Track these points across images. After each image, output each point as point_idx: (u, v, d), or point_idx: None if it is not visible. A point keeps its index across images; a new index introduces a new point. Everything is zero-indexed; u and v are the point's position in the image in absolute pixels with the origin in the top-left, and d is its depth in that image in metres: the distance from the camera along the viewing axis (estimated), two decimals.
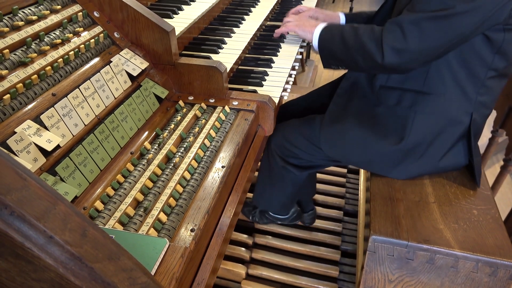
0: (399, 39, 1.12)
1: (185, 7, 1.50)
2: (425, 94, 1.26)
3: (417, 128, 1.28)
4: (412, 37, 1.10)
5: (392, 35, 1.13)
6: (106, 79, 1.04)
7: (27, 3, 1.00)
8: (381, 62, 1.16)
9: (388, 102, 1.32)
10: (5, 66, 0.87)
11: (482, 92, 1.24)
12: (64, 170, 0.83)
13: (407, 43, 1.11)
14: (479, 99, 1.25)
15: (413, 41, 1.10)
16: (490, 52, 1.17)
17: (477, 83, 1.22)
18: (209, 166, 1.00)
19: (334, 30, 1.32)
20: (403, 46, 1.12)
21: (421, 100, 1.27)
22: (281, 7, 2.09)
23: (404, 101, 1.29)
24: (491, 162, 3.02)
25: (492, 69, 1.20)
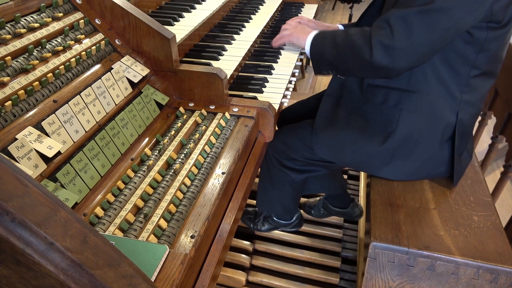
0: (387, 35, 1.12)
1: (186, 14, 1.51)
2: (410, 92, 1.27)
3: (403, 126, 1.29)
4: (400, 33, 1.11)
5: (380, 31, 1.14)
6: (107, 86, 1.04)
7: (29, 11, 1.01)
8: (369, 59, 1.16)
9: (375, 100, 1.33)
10: (7, 73, 0.87)
11: (467, 90, 1.25)
12: (65, 176, 0.84)
13: (394, 39, 1.11)
14: (464, 97, 1.26)
15: (401, 37, 1.11)
16: (472, 50, 1.18)
17: (460, 81, 1.23)
18: (209, 172, 1.00)
19: (326, 35, 1.34)
20: (391, 42, 1.12)
21: (406, 99, 1.28)
22: (281, 14, 2.11)
23: (389, 100, 1.30)
24: (491, 169, 3.02)
25: (475, 67, 1.21)
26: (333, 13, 6.35)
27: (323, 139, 1.41)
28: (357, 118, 1.37)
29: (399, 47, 1.12)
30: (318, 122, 1.44)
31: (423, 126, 1.29)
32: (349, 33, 1.24)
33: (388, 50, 1.13)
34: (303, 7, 2.22)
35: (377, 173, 1.40)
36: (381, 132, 1.32)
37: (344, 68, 1.31)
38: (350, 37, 1.22)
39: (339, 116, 1.41)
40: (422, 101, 1.27)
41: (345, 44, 1.23)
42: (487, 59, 1.20)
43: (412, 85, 1.26)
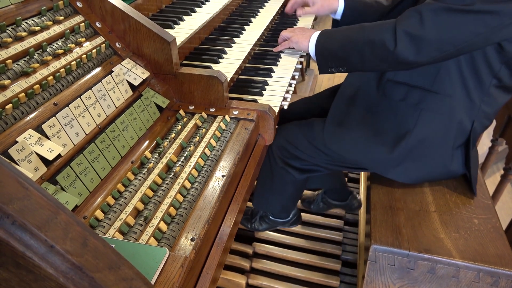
0: (416, 25, 1.08)
1: (186, 17, 1.51)
2: (433, 93, 1.24)
3: (421, 127, 1.27)
4: (429, 25, 1.07)
5: (409, 21, 1.10)
6: (108, 89, 1.05)
7: (30, 14, 1.01)
8: (392, 49, 1.12)
9: (393, 96, 1.30)
10: (8, 76, 0.87)
11: (486, 100, 1.24)
12: (65, 179, 0.84)
13: (423, 30, 1.08)
14: (482, 107, 1.25)
15: (429, 29, 1.07)
16: (498, 61, 1.17)
17: (482, 89, 1.22)
18: (209, 175, 1.00)
19: (332, 31, 1.32)
20: (419, 33, 1.08)
21: (428, 99, 1.25)
22: (281, 17, 2.11)
23: (410, 98, 1.27)
24: (492, 171, 3.02)
25: (496, 78, 1.20)
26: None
27: (334, 133, 1.39)
28: (372, 115, 1.35)
29: (427, 37, 1.08)
30: (331, 116, 1.41)
31: (439, 129, 1.27)
32: (366, 28, 1.20)
33: (414, 41, 1.09)
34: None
35: (385, 174, 1.38)
36: (396, 131, 1.30)
37: (359, 62, 1.24)
38: (368, 31, 1.18)
39: (353, 112, 1.39)
40: (444, 103, 1.24)
41: (362, 36, 1.19)
42: (509, 72, 1.20)
43: (436, 85, 1.23)
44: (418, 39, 1.09)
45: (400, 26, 1.11)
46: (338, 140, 1.39)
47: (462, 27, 1.07)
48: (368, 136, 1.34)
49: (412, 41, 1.10)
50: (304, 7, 1.69)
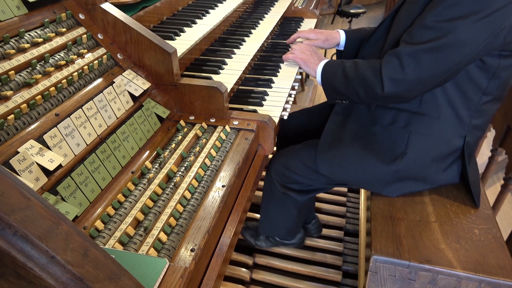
0: (397, 70, 1.14)
1: (187, 29, 1.53)
2: (420, 115, 1.27)
3: (412, 148, 1.30)
4: (410, 69, 1.12)
5: (390, 66, 1.15)
6: (109, 100, 1.05)
7: (33, 26, 1.02)
8: (381, 94, 1.18)
9: (383, 121, 1.33)
10: (10, 87, 0.88)
11: (476, 116, 1.26)
12: (65, 189, 0.84)
13: (405, 74, 1.13)
14: (473, 122, 1.27)
15: (410, 72, 1.13)
16: (484, 77, 1.18)
17: (471, 107, 1.24)
18: (209, 185, 1.01)
19: (335, 65, 1.35)
20: (401, 77, 1.14)
21: (416, 121, 1.28)
22: (280, 28, 2.14)
23: (399, 121, 1.31)
24: (492, 181, 3.01)
25: (486, 94, 1.21)
26: (332, 27, 6.43)
27: (326, 156, 1.42)
28: (363, 138, 1.37)
29: (409, 80, 1.14)
30: (324, 139, 1.44)
31: (431, 149, 1.30)
32: (358, 65, 1.25)
33: (399, 84, 1.15)
34: (302, 22, 2.25)
35: (380, 191, 1.40)
36: (388, 153, 1.33)
37: (357, 99, 1.31)
38: (360, 71, 1.23)
39: (345, 135, 1.41)
40: (432, 124, 1.27)
41: (357, 78, 1.25)
42: (498, 85, 1.21)
43: (422, 108, 1.26)
44: (402, 82, 1.15)
45: (384, 71, 1.16)
46: (330, 164, 1.42)
47: (442, 61, 1.10)
48: (360, 158, 1.37)
49: (396, 85, 1.16)
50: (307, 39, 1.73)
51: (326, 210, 2.20)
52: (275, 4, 2.25)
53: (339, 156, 1.40)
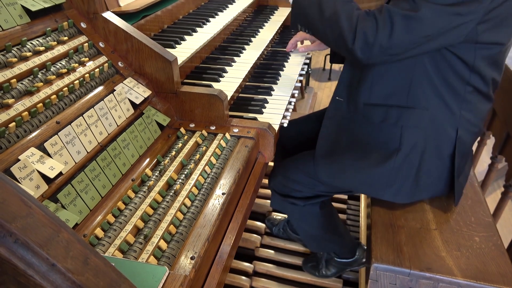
0: (372, 30, 1.15)
1: (188, 37, 1.54)
2: (410, 108, 1.27)
3: (406, 143, 1.28)
4: (383, 31, 1.13)
5: (367, 24, 1.16)
6: (110, 107, 1.06)
7: (35, 35, 1.03)
8: (350, 46, 1.18)
9: (374, 119, 1.33)
10: (12, 95, 0.89)
11: (465, 107, 1.26)
12: (66, 197, 0.84)
13: (376, 36, 1.14)
14: (463, 114, 1.26)
15: (382, 35, 1.14)
16: (465, 69, 1.20)
17: (457, 98, 1.24)
18: (209, 193, 1.01)
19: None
20: (373, 39, 1.15)
21: (406, 115, 1.27)
22: (280, 37, 2.15)
23: (389, 118, 1.30)
24: (492, 189, 3.01)
25: (470, 85, 1.22)
26: None
27: (325, 164, 1.42)
28: (358, 141, 1.37)
29: (379, 44, 1.15)
30: (320, 146, 1.44)
31: (425, 142, 1.28)
32: (337, 7, 1.23)
33: (368, 45, 1.16)
34: None
35: (381, 196, 1.39)
36: (383, 152, 1.32)
37: (323, 37, 1.30)
38: (337, 14, 1.21)
39: (339, 139, 1.41)
40: (423, 117, 1.26)
41: (331, 20, 1.23)
42: (481, 80, 1.22)
43: (411, 101, 1.26)
44: (372, 45, 1.15)
45: (360, 27, 1.16)
46: (329, 172, 1.42)
47: (412, 31, 1.12)
48: (358, 161, 1.36)
49: (367, 45, 1.16)
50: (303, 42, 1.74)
51: None
52: (274, 12, 2.27)
53: (337, 162, 1.40)
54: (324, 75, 4.78)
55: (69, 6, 1.17)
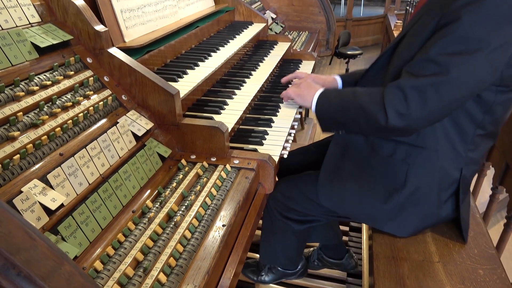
0: (402, 102, 1.13)
1: (190, 71, 1.59)
2: (419, 147, 1.27)
3: (411, 181, 1.29)
4: (414, 103, 1.12)
5: (394, 98, 1.15)
6: (112, 139, 1.08)
7: (43, 70, 1.07)
8: (385, 124, 1.17)
9: (382, 152, 1.33)
10: (18, 127, 0.91)
11: (472, 148, 1.27)
12: (66, 229, 0.84)
13: (409, 108, 1.13)
14: (468, 155, 1.28)
15: (415, 106, 1.12)
16: (479, 111, 1.20)
17: (466, 140, 1.25)
18: (210, 225, 1.00)
19: (331, 96, 1.35)
20: (406, 111, 1.13)
21: (414, 154, 1.28)
22: (280, 70, 2.21)
23: (397, 153, 1.30)
24: (495, 220, 2.98)
25: (480, 127, 1.23)
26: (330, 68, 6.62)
27: (328, 189, 1.41)
28: (363, 170, 1.37)
29: (414, 115, 1.13)
30: (324, 171, 1.44)
31: (430, 182, 1.30)
32: (357, 95, 1.24)
33: (403, 117, 1.14)
34: (301, 64, 2.34)
35: (381, 228, 1.38)
36: (387, 186, 1.32)
37: (356, 129, 1.30)
38: (360, 101, 1.22)
39: (344, 167, 1.41)
40: (430, 157, 1.27)
41: (355, 108, 1.23)
42: (492, 120, 1.23)
43: (421, 140, 1.26)
44: (407, 116, 1.14)
45: (388, 102, 1.16)
46: (331, 197, 1.42)
47: (446, 96, 1.11)
48: (361, 191, 1.36)
49: (401, 118, 1.15)
50: None
51: None
52: (274, 47, 2.34)
53: (340, 189, 1.40)
54: None
55: (76, 43, 1.21)
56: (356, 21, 8.01)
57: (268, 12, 3.03)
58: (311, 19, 3.30)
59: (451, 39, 1.08)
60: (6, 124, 0.90)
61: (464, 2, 1.06)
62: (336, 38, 3.73)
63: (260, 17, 2.46)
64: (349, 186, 1.38)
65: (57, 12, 1.20)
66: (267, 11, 3.04)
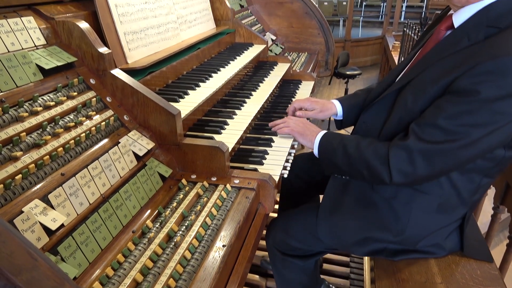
0: (407, 164, 1.13)
1: (191, 91, 1.61)
2: (422, 193, 1.26)
3: (413, 225, 1.29)
4: (420, 165, 1.12)
5: (400, 160, 1.14)
6: (114, 159, 1.09)
7: (47, 91, 1.09)
8: (388, 182, 1.18)
9: (384, 193, 1.32)
10: (21, 148, 0.92)
11: (476, 192, 1.28)
12: (66, 249, 0.84)
13: (414, 169, 1.13)
14: (472, 199, 1.28)
15: (420, 169, 1.12)
16: (488, 165, 1.19)
17: (472, 187, 1.25)
18: (210, 245, 1.00)
19: (334, 141, 1.33)
20: (411, 171, 1.13)
21: (418, 198, 1.27)
22: (280, 90, 2.24)
23: (400, 196, 1.29)
24: (498, 240, 2.95)
25: (487, 176, 1.23)
26: (329, 88, 6.69)
27: (327, 226, 1.41)
28: (364, 207, 1.37)
29: (418, 175, 1.13)
30: (324, 205, 1.44)
31: (432, 225, 1.30)
32: (362, 149, 1.23)
33: (408, 177, 1.14)
34: (301, 84, 2.37)
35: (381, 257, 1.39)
36: (389, 226, 1.32)
37: (360, 179, 1.31)
38: (365, 155, 1.21)
39: (345, 202, 1.41)
40: (434, 203, 1.27)
41: (360, 161, 1.23)
42: (499, 169, 1.23)
43: (424, 186, 1.25)
44: (412, 176, 1.15)
45: (393, 163, 1.15)
46: (331, 233, 1.41)
47: (453, 160, 1.11)
48: (362, 230, 1.36)
49: (406, 177, 1.15)
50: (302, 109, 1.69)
51: (329, 270, 2.13)
52: (274, 68, 2.38)
53: (340, 226, 1.39)
54: (323, 126, 4.88)
55: (80, 64, 1.24)
56: (355, 42, 8.16)
57: (268, 33, 3.09)
58: (310, 41, 3.36)
59: (467, 110, 1.05)
60: (9, 144, 0.91)
61: (484, 77, 1.01)
62: (335, 59, 3.79)
63: (260, 39, 2.51)
64: (350, 224, 1.38)
65: (62, 35, 1.23)
66: (267, 32, 3.10)
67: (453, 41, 1.14)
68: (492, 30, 1.07)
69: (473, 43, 1.09)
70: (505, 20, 1.06)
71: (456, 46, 1.12)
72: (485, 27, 1.08)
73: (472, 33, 1.10)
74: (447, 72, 1.10)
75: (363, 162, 1.22)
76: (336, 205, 1.42)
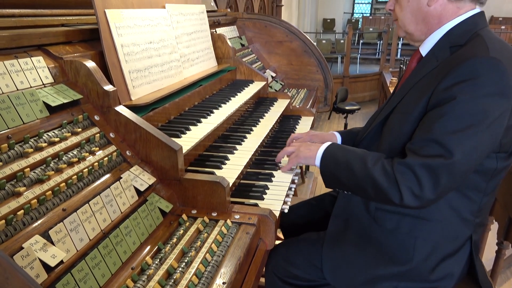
0: (416, 185, 1.13)
1: (193, 127, 1.64)
2: (423, 219, 1.26)
3: (419, 254, 1.28)
4: (427, 184, 1.11)
5: (407, 178, 1.14)
6: (115, 194, 1.09)
7: (52, 127, 1.11)
8: (399, 203, 1.16)
9: (386, 225, 1.31)
10: (24, 183, 0.93)
11: (479, 214, 1.27)
12: (64, 287, 0.83)
13: (422, 190, 1.12)
14: (477, 220, 1.28)
15: (428, 189, 1.12)
16: (482, 180, 1.21)
17: (473, 207, 1.25)
18: (210, 282, 0.98)
19: (338, 154, 1.32)
20: (420, 193, 1.13)
21: (419, 226, 1.27)
22: (280, 126, 2.27)
23: (402, 226, 1.29)
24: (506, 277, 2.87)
25: (486, 195, 1.24)
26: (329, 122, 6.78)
27: (333, 263, 1.39)
28: (367, 243, 1.36)
29: (428, 196, 1.13)
30: (327, 243, 1.42)
31: (439, 252, 1.28)
32: (368, 165, 1.21)
33: (418, 198, 1.14)
34: (300, 119, 2.41)
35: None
36: (394, 259, 1.30)
37: (362, 195, 1.29)
38: (371, 173, 1.20)
39: (348, 239, 1.40)
40: (436, 229, 1.26)
41: (366, 178, 1.21)
42: (496, 183, 1.24)
43: (423, 213, 1.25)
44: (421, 197, 1.14)
45: (402, 183, 1.14)
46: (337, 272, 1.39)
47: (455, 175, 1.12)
48: (368, 267, 1.34)
49: (416, 199, 1.15)
50: None
51: None
52: (274, 103, 2.43)
53: (346, 261, 1.37)
54: None
55: (85, 101, 1.28)
56: (353, 78, 8.35)
57: (268, 71, 3.18)
58: (309, 77, 3.45)
59: (450, 117, 1.10)
60: (13, 180, 0.92)
61: (457, 81, 1.10)
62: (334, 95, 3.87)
63: (261, 76, 2.58)
64: (355, 260, 1.36)
65: (69, 74, 1.28)
66: (267, 70, 3.19)
67: (424, 65, 1.26)
68: (455, 48, 1.20)
69: (442, 61, 1.20)
70: (465, 37, 1.19)
71: (428, 68, 1.24)
72: (449, 47, 1.21)
73: (439, 54, 1.23)
74: (425, 90, 1.19)
75: (370, 180, 1.20)
76: (338, 240, 1.40)
